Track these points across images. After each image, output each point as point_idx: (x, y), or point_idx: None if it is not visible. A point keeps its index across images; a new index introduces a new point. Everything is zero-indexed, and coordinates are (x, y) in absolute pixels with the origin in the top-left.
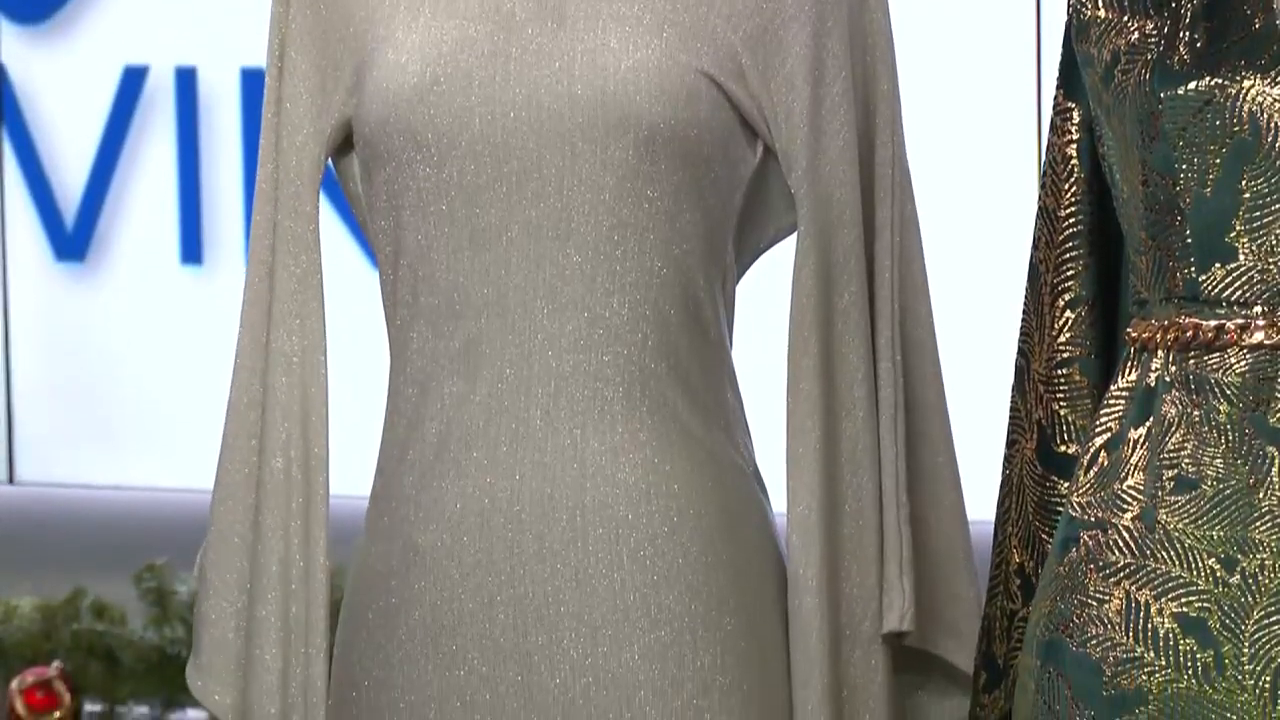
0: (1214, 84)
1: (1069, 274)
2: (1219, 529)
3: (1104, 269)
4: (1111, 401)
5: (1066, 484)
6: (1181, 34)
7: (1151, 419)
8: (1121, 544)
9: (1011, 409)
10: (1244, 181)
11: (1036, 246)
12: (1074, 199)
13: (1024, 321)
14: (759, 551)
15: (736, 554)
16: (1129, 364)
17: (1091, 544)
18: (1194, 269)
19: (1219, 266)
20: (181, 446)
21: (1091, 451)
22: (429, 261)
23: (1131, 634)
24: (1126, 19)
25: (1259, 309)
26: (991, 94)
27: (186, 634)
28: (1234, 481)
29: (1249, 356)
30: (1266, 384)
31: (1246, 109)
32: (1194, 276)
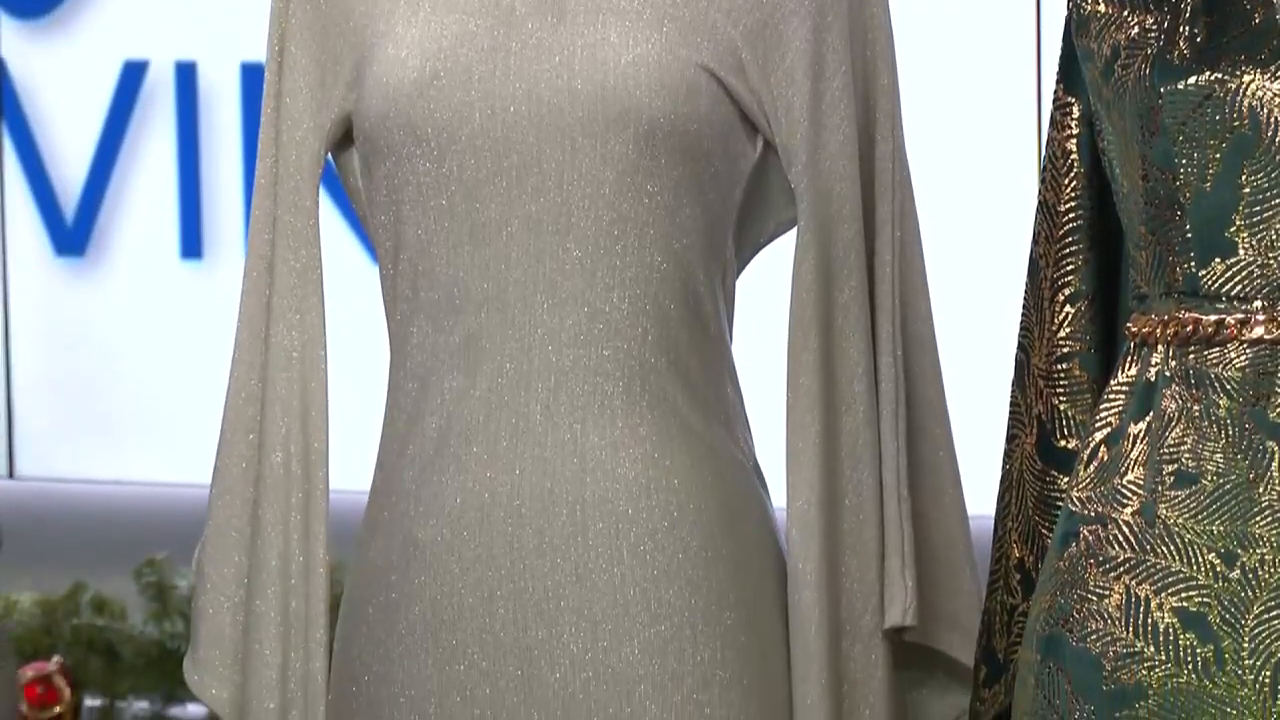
0: (1214, 79)
1: (1069, 269)
2: (1219, 524)
3: (1104, 264)
4: (1111, 396)
5: (1066, 479)
6: (1181, 29)
7: (1151, 414)
8: (1121, 539)
9: (1011, 404)
10: (1244, 176)
11: (1036, 241)
12: (1074, 194)
13: (1024, 316)
14: (759, 546)
15: (737, 549)
16: (1129, 359)
17: (1091, 539)
18: (1194, 264)
19: (1219, 261)
20: (181, 441)
21: (1091, 446)
22: (429, 256)
23: (1131, 629)
24: (1126, 14)
25: (1259, 304)
26: (991, 89)
27: (186, 629)
28: (1234, 476)
29: (1249, 351)
30: (1266, 379)
31: (1246, 104)
32: (1194, 271)
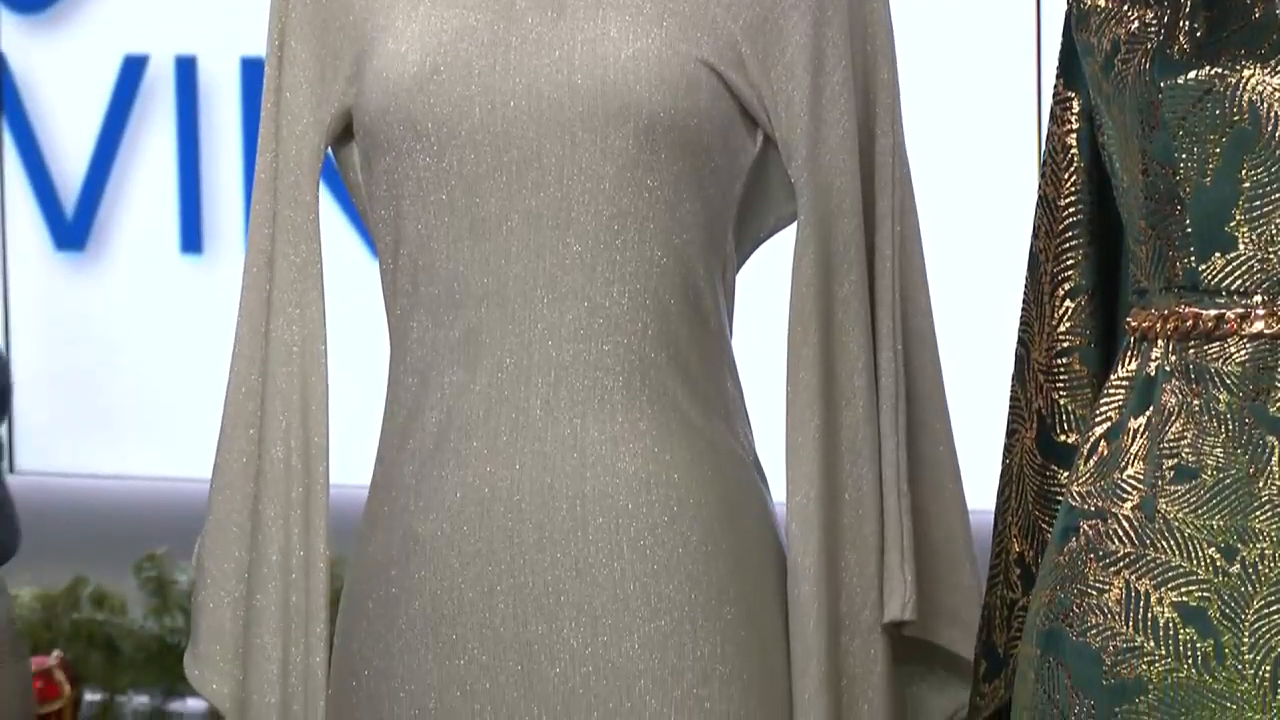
0: (1214, 73)
1: (1069, 263)
2: (1219, 518)
3: (1104, 258)
4: (1111, 391)
5: (1066, 473)
6: (1181, 23)
7: (1151, 408)
8: (1121, 533)
9: (1011, 398)
10: (1244, 171)
11: (1036, 236)
12: (1074, 188)
13: (1024, 311)
14: (759, 541)
15: (736, 543)
16: (1129, 353)
17: (1091, 533)
18: (1194, 258)
19: (1219, 256)
20: (181, 436)
21: (1091, 441)
22: (429, 251)
23: (1131, 623)
24: (1126, 8)
25: (1259, 298)
26: (991, 84)
27: (187, 623)
28: (1234, 471)
29: (1249, 346)
30: (1266, 373)
31: (1246, 98)
32: (1194, 266)
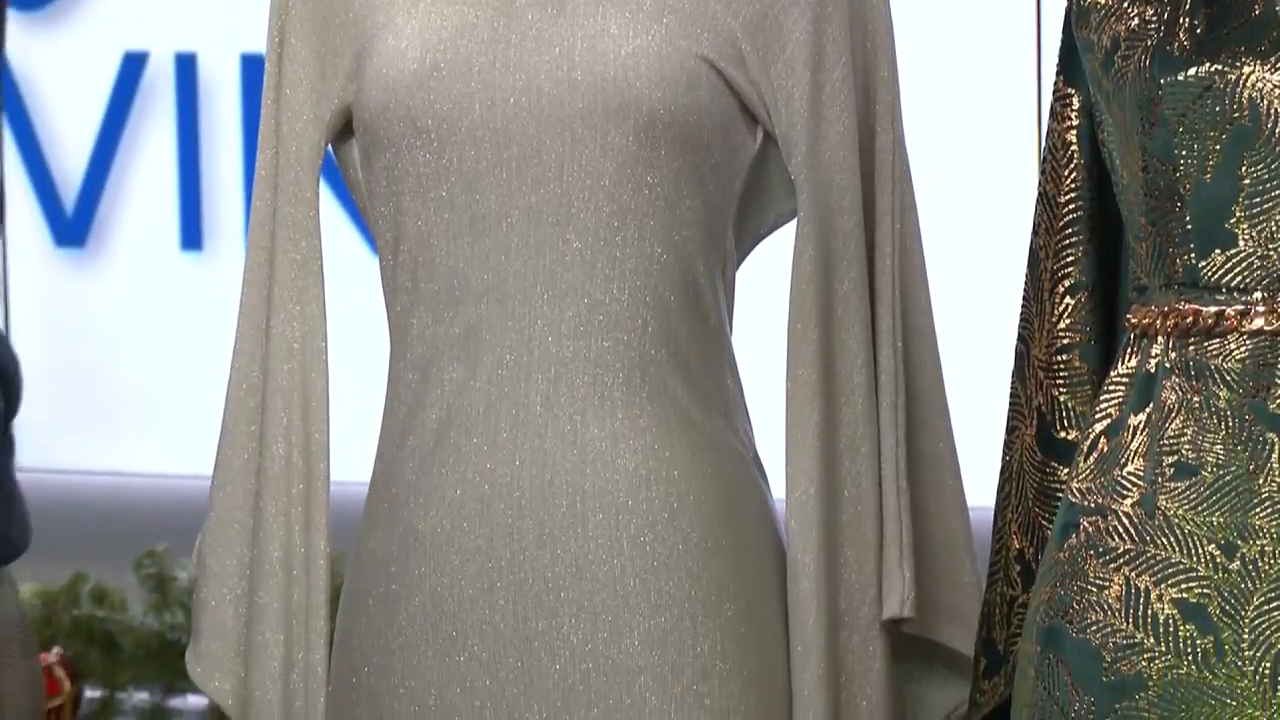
0: (1214, 70)
1: (1069, 260)
2: (1219, 515)
3: (1104, 255)
4: (1111, 387)
5: (1066, 470)
6: (1181, 20)
7: (1151, 405)
8: (1121, 530)
9: (1011, 395)
10: (1244, 168)
11: (1036, 232)
12: (1074, 185)
13: (1024, 307)
14: (759, 537)
15: (736, 540)
16: (1129, 350)
17: (1091, 530)
18: (1194, 255)
19: (1219, 252)
20: (181, 432)
21: (1091, 437)
22: (429, 247)
23: (1131, 620)
24: (1126, 5)
25: (1259, 295)
26: (991, 81)
27: (187, 620)
28: (1234, 467)
29: (1249, 342)
30: (1266, 370)
31: (1246, 95)
32: (1194, 262)
